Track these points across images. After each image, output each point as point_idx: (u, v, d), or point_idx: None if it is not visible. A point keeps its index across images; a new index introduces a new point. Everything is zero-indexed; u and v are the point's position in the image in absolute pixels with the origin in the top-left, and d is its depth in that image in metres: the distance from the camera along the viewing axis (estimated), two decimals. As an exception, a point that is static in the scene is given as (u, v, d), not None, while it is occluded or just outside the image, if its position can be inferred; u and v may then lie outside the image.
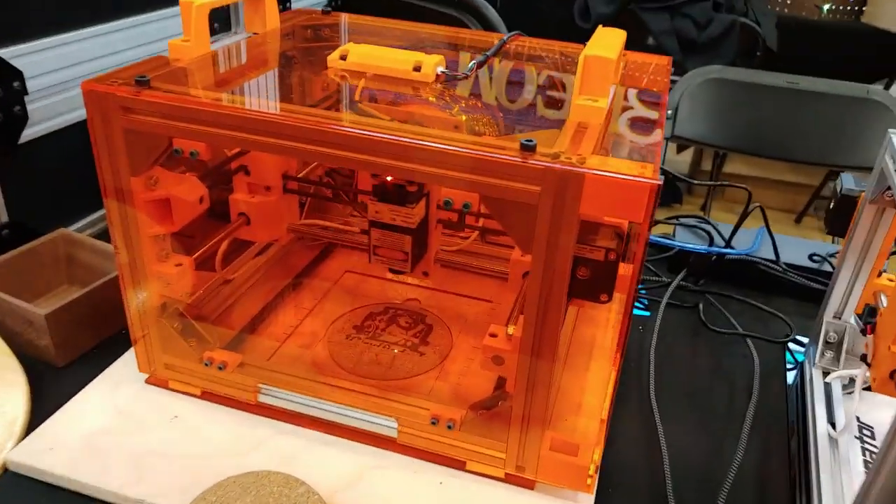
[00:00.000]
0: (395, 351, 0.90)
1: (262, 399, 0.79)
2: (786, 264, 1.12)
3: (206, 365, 0.78)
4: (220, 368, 0.77)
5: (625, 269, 0.65)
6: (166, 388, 0.83)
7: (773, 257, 1.12)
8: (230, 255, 0.94)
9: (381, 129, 0.60)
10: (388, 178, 0.76)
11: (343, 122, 0.63)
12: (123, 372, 0.84)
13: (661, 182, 0.54)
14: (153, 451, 0.74)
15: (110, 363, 0.85)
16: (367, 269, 1.07)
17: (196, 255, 0.79)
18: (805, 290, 1.08)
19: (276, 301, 0.97)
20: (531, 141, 0.57)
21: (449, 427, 0.71)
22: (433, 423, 0.71)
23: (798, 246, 1.16)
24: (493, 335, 0.68)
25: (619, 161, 0.57)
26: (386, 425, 0.76)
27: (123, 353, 0.87)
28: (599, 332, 0.91)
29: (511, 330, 0.67)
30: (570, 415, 0.76)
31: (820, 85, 1.77)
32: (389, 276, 1.07)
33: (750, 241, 1.14)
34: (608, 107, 0.64)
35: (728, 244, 1.13)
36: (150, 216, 0.73)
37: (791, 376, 0.95)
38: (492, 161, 0.57)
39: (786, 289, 1.10)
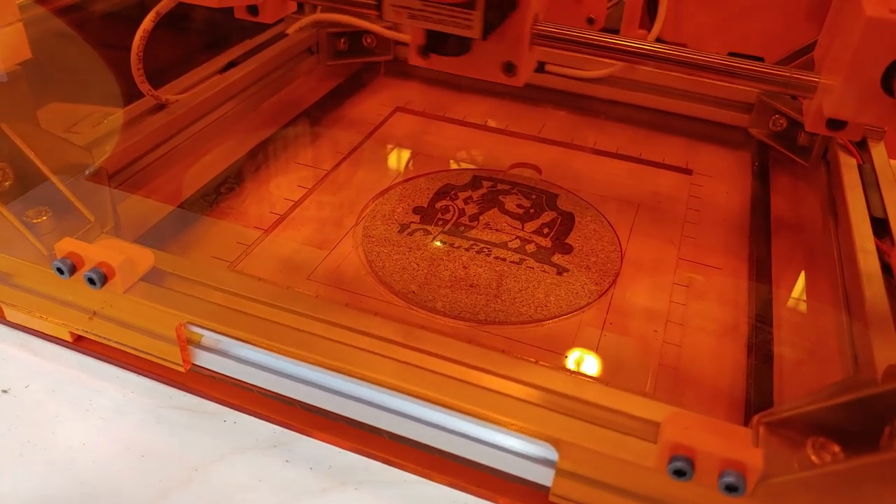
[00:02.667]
0: (505, 262, 0.42)
1: (203, 361, 0.33)
2: None
3: (60, 273, 0.31)
4: (90, 282, 0.30)
5: None
6: (2, 320, 0.37)
7: None
8: (170, 63, 0.46)
9: None
10: None
11: None
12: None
13: None
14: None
15: None
16: (436, 103, 0.59)
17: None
18: None
19: (259, 155, 0.50)
20: None
21: (730, 489, 0.24)
22: (678, 474, 0.24)
23: None
24: None
25: None
26: (517, 452, 0.29)
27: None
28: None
29: None
30: None
31: None
32: (473, 118, 0.58)
33: None
34: None
35: None
36: None
37: None
38: None
39: None
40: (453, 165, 0.52)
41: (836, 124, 0.35)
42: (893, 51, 0.30)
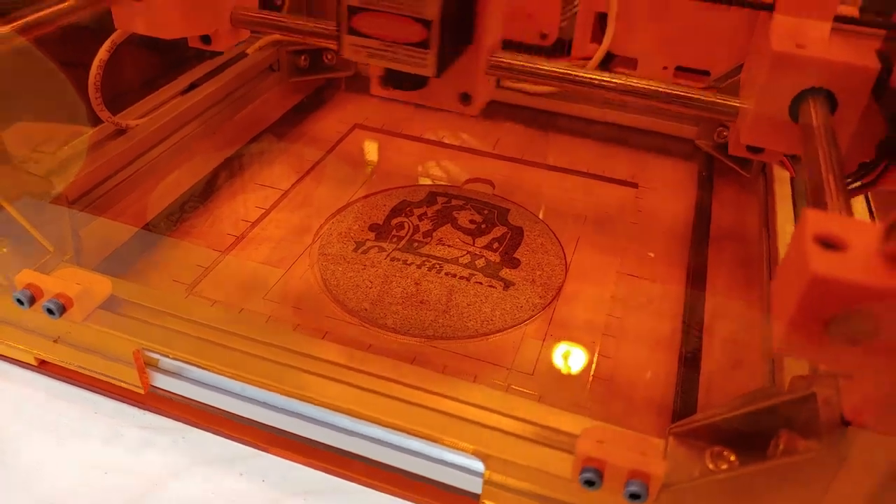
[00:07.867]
0: (455, 277, 0.45)
1: (161, 382, 0.35)
2: None
3: (20, 304, 0.32)
4: (49, 312, 0.32)
5: None
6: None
7: None
8: (131, 88, 0.48)
9: None
10: None
11: None
12: None
13: None
14: None
15: None
16: (394, 120, 0.61)
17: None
18: None
19: (218, 177, 0.52)
20: None
21: (634, 497, 0.26)
22: (588, 484, 0.26)
23: None
24: None
25: None
26: (450, 463, 0.31)
27: None
28: None
29: None
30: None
31: None
32: (430, 134, 0.60)
33: None
34: None
35: None
36: None
37: None
38: None
39: None
40: (422, 180, 0.54)
41: (754, 148, 0.37)
42: (799, 83, 0.32)
